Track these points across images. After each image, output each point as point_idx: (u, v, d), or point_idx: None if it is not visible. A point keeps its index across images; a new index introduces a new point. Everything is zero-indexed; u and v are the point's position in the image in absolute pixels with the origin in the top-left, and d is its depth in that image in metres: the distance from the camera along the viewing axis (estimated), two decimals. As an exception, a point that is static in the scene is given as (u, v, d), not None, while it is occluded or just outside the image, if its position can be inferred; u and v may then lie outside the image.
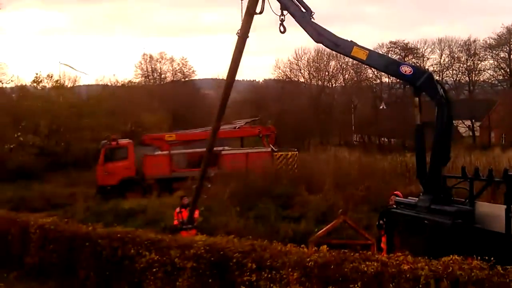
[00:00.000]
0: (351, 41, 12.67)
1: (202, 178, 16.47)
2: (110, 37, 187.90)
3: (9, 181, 36.62)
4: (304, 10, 13.14)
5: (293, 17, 13.25)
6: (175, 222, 17.76)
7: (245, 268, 9.40)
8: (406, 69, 12.36)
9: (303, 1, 13.25)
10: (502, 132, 70.37)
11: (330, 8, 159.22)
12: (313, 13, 13.25)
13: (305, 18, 13.05)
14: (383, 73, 71.17)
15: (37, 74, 49.82)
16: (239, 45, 14.07)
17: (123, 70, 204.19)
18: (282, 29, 13.51)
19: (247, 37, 13.99)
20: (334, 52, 79.28)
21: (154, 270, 11.32)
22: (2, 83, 43.47)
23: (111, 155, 31.28)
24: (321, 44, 13.42)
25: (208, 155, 16.38)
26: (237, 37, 13.97)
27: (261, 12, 13.36)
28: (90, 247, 13.17)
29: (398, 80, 57.37)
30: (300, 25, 13.35)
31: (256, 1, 13.32)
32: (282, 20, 13.43)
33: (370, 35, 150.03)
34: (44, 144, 42.14)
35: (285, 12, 13.32)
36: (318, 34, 13.08)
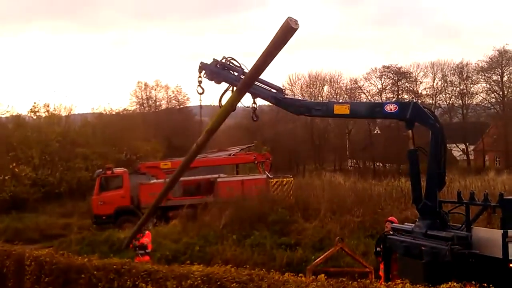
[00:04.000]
0: (329, 101, 12.73)
1: (155, 207, 16.07)
2: (106, 65, 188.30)
3: (3, 212, 36.44)
4: (274, 91, 13.12)
5: (268, 102, 13.32)
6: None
7: (243, 298, 9.32)
8: (391, 107, 12.35)
9: (271, 83, 13.22)
10: (496, 155, 70.71)
11: (327, 32, 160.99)
12: (284, 90, 13.49)
13: (279, 100, 13.05)
14: (376, 98, 71.93)
15: (34, 103, 50.05)
16: (204, 140, 12.46)
17: (118, 99, 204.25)
18: (255, 118, 13.07)
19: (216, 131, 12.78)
20: (327, 81, 79.53)
21: (151, 301, 11.23)
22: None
23: (106, 184, 31.23)
24: (302, 116, 13.29)
25: (170, 188, 15.54)
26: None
27: (233, 110, 11.77)
28: (85, 279, 13.04)
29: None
30: (278, 106, 13.49)
31: (236, 103, 11.68)
32: (254, 109, 13.08)
33: (364, 59, 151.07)
34: (37, 174, 42.09)
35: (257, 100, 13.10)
36: (297, 107, 13.23)
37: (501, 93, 70.55)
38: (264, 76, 11.54)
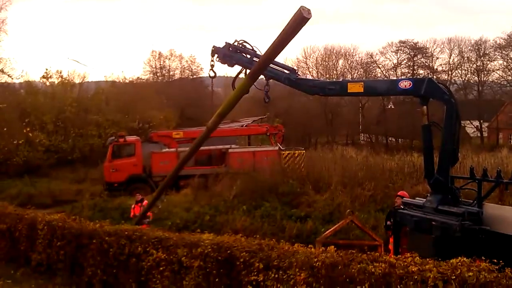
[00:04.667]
0: (342, 80, 12.56)
1: (166, 186, 16.13)
2: (120, 33, 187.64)
3: (16, 177, 36.83)
4: (287, 72, 13.12)
5: (282, 83, 13.31)
6: (131, 215, 19.16)
7: (252, 267, 9.37)
8: (405, 84, 12.21)
9: (284, 64, 13.34)
10: (510, 133, 70.09)
11: (345, 6, 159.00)
12: (297, 71, 13.39)
13: (292, 81, 13.03)
14: (391, 73, 71.29)
15: (46, 69, 50.28)
16: (215, 123, 12.55)
17: (132, 67, 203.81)
18: (267, 100, 12.97)
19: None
20: (342, 55, 78.71)
21: (161, 268, 11.33)
22: (12, 78, 43.66)
23: (119, 152, 31.42)
24: (317, 95, 13.20)
25: (180, 168, 15.58)
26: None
27: (246, 93, 11.93)
28: (97, 244, 13.19)
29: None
30: (292, 87, 13.52)
31: (248, 87, 11.77)
32: (267, 90, 12.99)
33: (381, 34, 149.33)
34: (51, 141, 42.47)
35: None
36: (310, 87, 13.23)
37: (517, 71, 69.62)
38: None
